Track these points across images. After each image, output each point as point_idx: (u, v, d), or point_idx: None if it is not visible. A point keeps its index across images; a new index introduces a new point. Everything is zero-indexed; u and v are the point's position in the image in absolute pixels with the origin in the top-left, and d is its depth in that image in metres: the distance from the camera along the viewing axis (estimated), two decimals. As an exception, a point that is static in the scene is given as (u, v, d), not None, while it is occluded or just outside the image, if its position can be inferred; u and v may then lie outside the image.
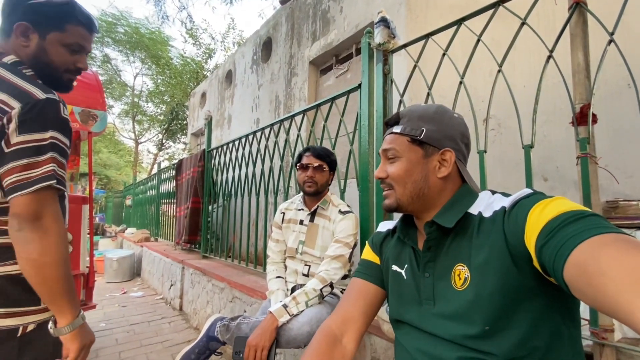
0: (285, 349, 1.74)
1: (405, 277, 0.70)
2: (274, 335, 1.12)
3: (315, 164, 1.43)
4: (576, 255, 0.42)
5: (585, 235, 0.43)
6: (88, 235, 2.38)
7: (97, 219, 9.13)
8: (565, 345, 0.54)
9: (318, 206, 1.46)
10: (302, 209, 1.51)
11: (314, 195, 1.46)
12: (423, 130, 0.67)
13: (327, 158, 1.46)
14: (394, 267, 0.74)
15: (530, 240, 0.51)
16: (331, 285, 1.26)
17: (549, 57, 1.03)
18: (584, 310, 0.89)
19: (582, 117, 0.93)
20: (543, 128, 1.95)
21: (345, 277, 1.34)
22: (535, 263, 0.51)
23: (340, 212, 1.40)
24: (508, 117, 2.10)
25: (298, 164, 1.47)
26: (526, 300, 0.53)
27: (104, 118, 2.31)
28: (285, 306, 1.18)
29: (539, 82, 1.05)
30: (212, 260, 3.07)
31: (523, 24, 1.10)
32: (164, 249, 4.18)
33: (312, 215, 1.47)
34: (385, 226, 0.86)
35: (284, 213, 1.57)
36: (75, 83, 0.85)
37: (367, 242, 0.87)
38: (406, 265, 0.71)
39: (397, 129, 0.71)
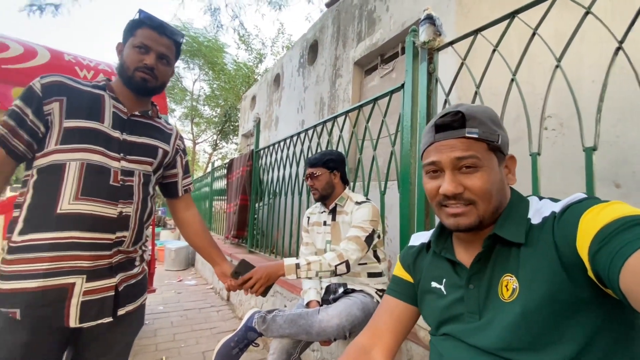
0: (321, 347, 1.77)
1: (445, 293, 0.67)
2: (273, 282, 1.18)
3: (308, 173, 1.53)
4: (633, 263, 0.39)
5: None
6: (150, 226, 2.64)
7: (159, 212, 10.04)
8: None
9: (336, 204, 1.53)
10: (324, 211, 1.59)
11: (322, 200, 1.57)
12: (499, 135, 0.60)
13: (318, 162, 1.52)
14: (434, 284, 0.70)
15: (583, 247, 0.47)
16: (347, 266, 1.25)
17: (618, 48, 0.92)
18: None
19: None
20: (616, 128, 1.73)
21: (375, 275, 1.42)
22: (590, 272, 0.47)
23: (356, 203, 1.47)
24: (572, 116, 1.90)
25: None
26: (580, 312, 0.49)
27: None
28: (297, 266, 1.19)
29: (605, 77, 0.94)
30: (258, 255, 3.22)
31: (587, 13, 0.99)
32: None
33: (333, 214, 1.54)
34: (417, 239, 0.81)
35: (309, 217, 1.67)
36: (150, 83, 0.92)
37: (398, 257, 0.84)
38: (444, 280, 0.68)
39: (472, 132, 0.59)
